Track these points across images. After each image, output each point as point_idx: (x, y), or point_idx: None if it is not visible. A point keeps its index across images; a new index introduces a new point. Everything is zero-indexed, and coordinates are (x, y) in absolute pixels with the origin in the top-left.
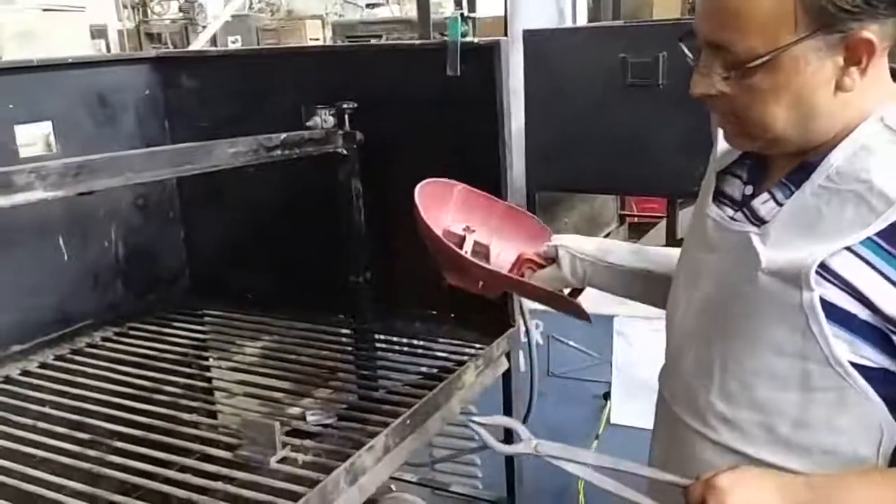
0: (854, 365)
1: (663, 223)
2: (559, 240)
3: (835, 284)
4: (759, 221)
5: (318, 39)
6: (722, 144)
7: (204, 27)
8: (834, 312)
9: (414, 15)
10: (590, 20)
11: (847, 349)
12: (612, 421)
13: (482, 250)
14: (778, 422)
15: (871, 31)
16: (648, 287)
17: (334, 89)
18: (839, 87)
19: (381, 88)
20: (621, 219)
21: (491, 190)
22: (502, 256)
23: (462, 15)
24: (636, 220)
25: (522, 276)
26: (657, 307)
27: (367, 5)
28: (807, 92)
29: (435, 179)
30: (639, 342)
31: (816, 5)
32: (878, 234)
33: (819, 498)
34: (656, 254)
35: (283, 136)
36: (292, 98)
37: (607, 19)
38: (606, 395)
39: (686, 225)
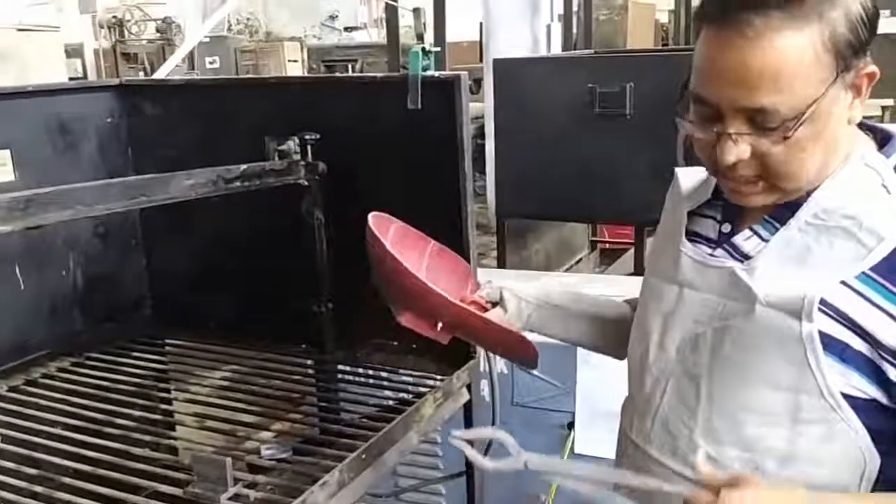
0: (845, 396)
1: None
2: (498, 282)
3: (831, 317)
4: (742, 257)
5: (296, 61)
6: (685, 185)
7: None
8: (829, 344)
9: None
10: (564, 47)
11: (840, 380)
12: (576, 450)
13: None
14: (765, 459)
15: (872, 65)
16: (591, 330)
17: (298, 119)
18: (849, 120)
19: (345, 120)
20: (592, 245)
21: (453, 221)
22: None
23: (423, 49)
24: (608, 246)
25: None
26: (597, 351)
27: (346, 29)
28: (831, 132)
29: (376, 214)
30: (603, 371)
31: (841, 45)
32: (872, 268)
33: None
34: (595, 299)
35: (244, 167)
36: (256, 128)
37: (581, 47)
38: (570, 425)
39: (648, 261)
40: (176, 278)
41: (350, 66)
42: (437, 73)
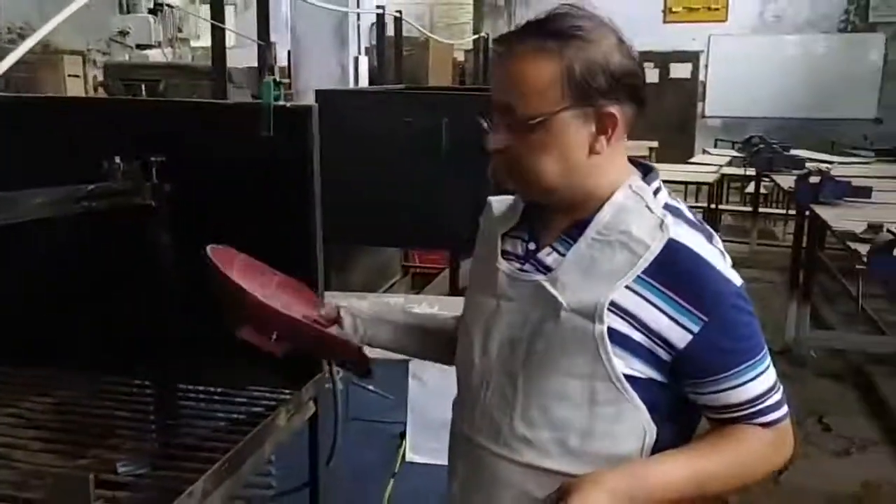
0: (627, 377)
1: (446, 273)
2: (337, 302)
3: (617, 315)
4: (546, 270)
5: (78, 77)
6: (497, 211)
7: None
8: (616, 337)
9: (189, 61)
10: (370, 80)
11: (622, 364)
12: (408, 459)
13: None
14: (569, 436)
15: (614, 108)
16: (422, 342)
17: (140, 142)
18: (592, 150)
19: (192, 144)
20: (405, 270)
21: (302, 245)
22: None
23: (275, 80)
24: (418, 270)
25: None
26: (428, 359)
27: (138, 46)
28: (568, 151)
29: (218, 246)
30: (432, 383)
31: (576, 83)
32: (644, 272)
33: (640, 483)
34: (421, 314)
35: (91, 186)
36: (92, 149)
37: (389, 80)
38: (403, 435)
39: (469, 279)
40: (11, 306)
41: (143, 87)
42: (287, 104)
